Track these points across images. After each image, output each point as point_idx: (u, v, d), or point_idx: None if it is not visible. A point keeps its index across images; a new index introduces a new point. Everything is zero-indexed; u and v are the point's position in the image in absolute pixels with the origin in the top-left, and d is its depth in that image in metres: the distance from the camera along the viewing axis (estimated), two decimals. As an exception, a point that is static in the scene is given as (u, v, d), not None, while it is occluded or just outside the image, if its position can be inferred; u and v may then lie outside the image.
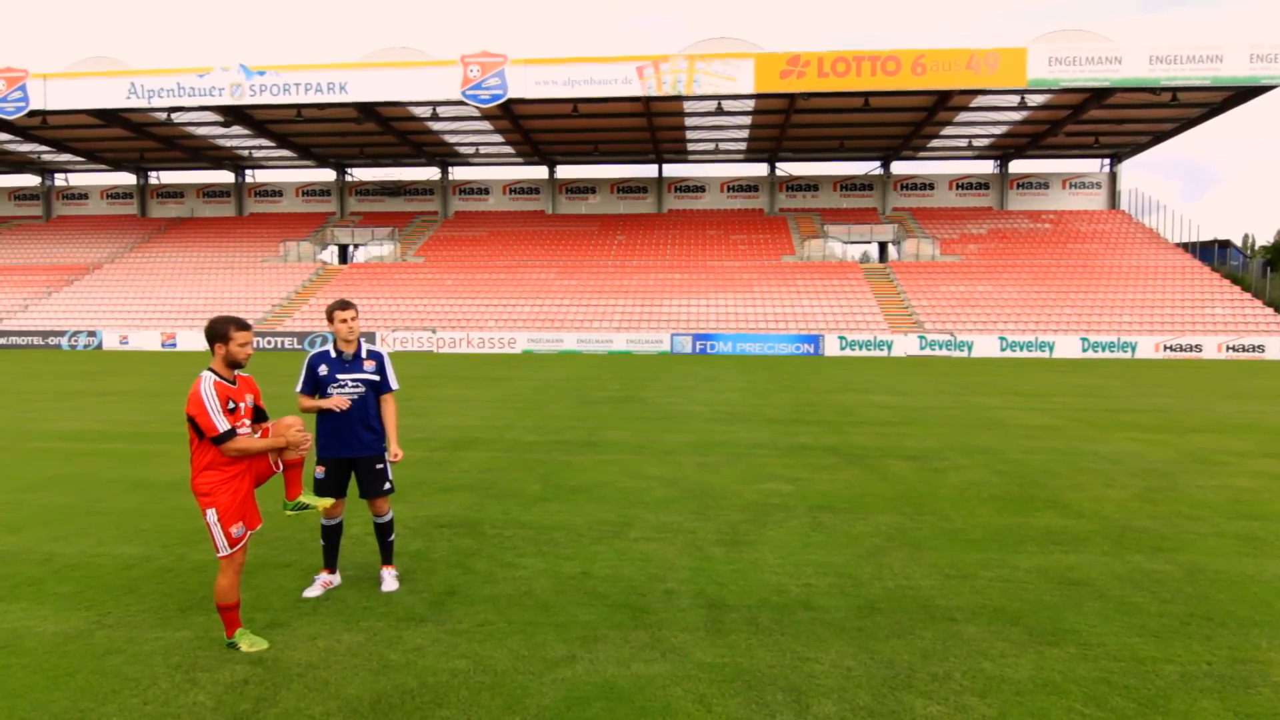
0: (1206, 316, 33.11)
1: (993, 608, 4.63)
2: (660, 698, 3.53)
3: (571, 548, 5.79)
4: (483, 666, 3.85)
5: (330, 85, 33.14)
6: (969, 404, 15.06)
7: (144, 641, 4.12)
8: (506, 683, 3.68)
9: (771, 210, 46.81)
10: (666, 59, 32.24)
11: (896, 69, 31.33)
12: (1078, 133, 39.77)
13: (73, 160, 47.31)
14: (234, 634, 4.02)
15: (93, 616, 4.45)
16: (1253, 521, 6.59)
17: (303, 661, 3.89)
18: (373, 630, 4.27)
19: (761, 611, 4.56)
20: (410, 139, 42.18)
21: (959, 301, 35.46)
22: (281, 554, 5.58)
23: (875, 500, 7.27)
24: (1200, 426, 12.21)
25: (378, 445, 4.80)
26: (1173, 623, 4.42)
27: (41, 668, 3.82)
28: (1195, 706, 3.47)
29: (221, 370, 3.95)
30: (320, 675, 3.75)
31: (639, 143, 42.90)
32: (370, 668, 3.83)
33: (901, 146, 42.84)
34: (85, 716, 3.35)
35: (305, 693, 3.58)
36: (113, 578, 5.11)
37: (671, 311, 35.65)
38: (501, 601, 4.71)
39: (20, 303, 39.11)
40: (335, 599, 4.72)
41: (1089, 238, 41.51)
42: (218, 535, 3.89)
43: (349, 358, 4.74)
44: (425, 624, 4.36)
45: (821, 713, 3.41)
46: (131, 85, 33.55)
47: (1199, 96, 33.90)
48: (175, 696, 3.54)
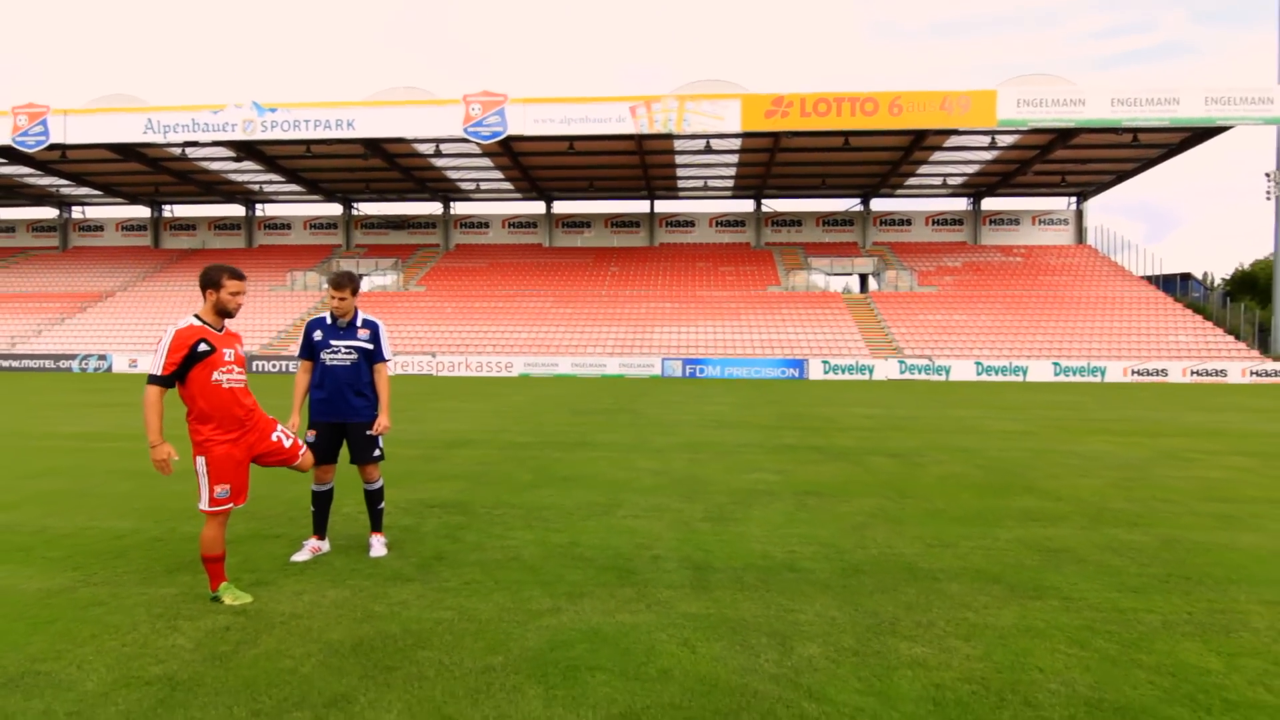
0: (1171, 343, 33.30)
1: (975, 569, 4.49)
2: (644, 641, 3.37)
3: (560, 523, 5.62)
4: (467, 616, 3.68)
5: (339, 122, 33.39)
6: (948, 415, 14.98)
7: (128, 596, 3.93)
8: (490, 629, 3.52)
9: (758, 244, 47.13)
10: (658, 99, 32.66)
11: (875, 109, 31.82)
12: (1045, 172, 40.35)
13: (90, 194, 47.36)
14: (218, 587, 3.84)
15: (79, 576, 4.26)
16: (1225, 504, 6.48)
17: (286, 612, 3.71)
18: (359, 588, 4.10)
19: (747, 573, 4.40)
20: (414, 175, 42.44)
21: (936, 329, 35.58)
22: (272, 527, 5.39)
23: (859, 487, 7.13)
24: (1171, 432, 12.15)
25: (369, 412, 4.66)
26: (1152, 581, 4.29)
27: (21, 617, 3.63)
28: (1178, 647, 3.33)
29: (209, 317, 3.83)
30: (303, 624, 3.57)
31: (632, 179, 43.28)
32: (354, 617, 3.66)
33: (880, 184, 43.36)
34: (61, 656, 3.17)
35: (286, 637, 3.40)
36: (102, 545, 4.92)
37: (662, 338, 35.62)
38: (489, 565, 4.54)
39: (34, 328, 38.78)
40: (323, 563, 4.54)
41: (1058, 270, 41.90)
42: (203, 486, 3.73)
43: (344, 325, 4.64)
44: (412, 583, 4.19)
45: (806, 653, 3.25)
46: (148, 121, 33.72)
47: (1158, 138, 34.52)
48: (154, 640, 3.35)
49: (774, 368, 32.29)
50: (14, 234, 50.91)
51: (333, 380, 4.55)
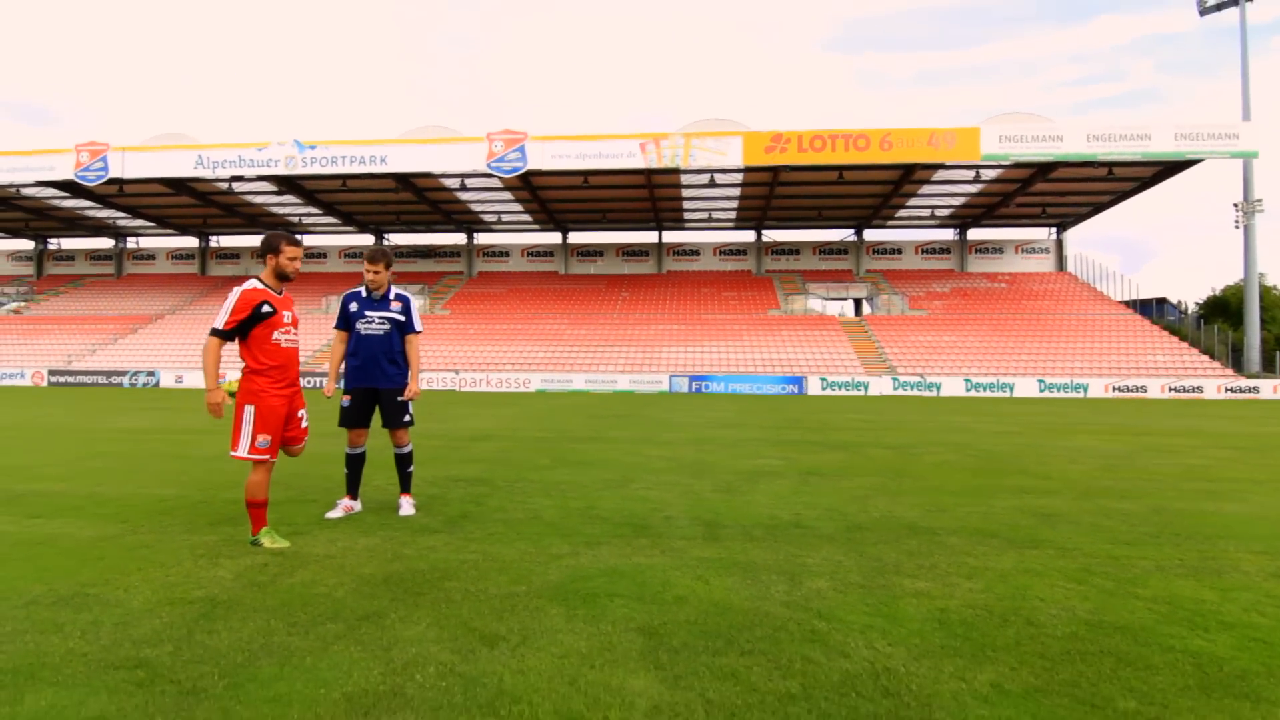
0: (1149, 362, 32.96)
1: (973, 528, 4.40)
2: (660, 577, 3.31)
3: (578, 494, 5.56)
4: (491, 558, 3.62)
5: (372, 158, 33.87)
6: (940, 420, 14.82)
7: (172, 541, 3.90)
8: (513, 567, 3.46)
9: (759, 271, 47.23)
10: (666, 136, 33.00)
11: (867, 145, 32.02)
12: (1027, 204, 40.36)
13: (144, 225, 48.09)
14: (259, 531, 3.80)
15: (126, 528, 4.24)
16: (1209, 482, 6.35)
17: (321, 554, 3.67)
18: (389, 536, 4.05)
19: (755, 529, 4.33)
20: (441, 208, 42.90)
21: (927, 349, 35.39)
22: (307, 494, 5.35)
23: (859, 470, 7.03)
24: (1153, 432, 11.96)
25: (400, 379, 4.65)
26: (1143, 537, 4.19)
27: (72, 555, 3.61)
28: (1172, 585, 3.24)
29: (269, 280, 3.86)
30: (336, 562, 3.53)
31: (641, 211, 43.59)
32: (384, 558, 3.61)
33: (873, 216, 43.47)
34: (109, 583, 3.13)
35: (321, 571, 3.36)
36: (149, 506, 4.90)
37: (670, 357, 35.58)
38: (511, 522, 4.49)
39: (89, 347, 39.17)
40: (355, 519, 4.50)
41: (1041, 295, 41.71)
42: (245, 434, 3.70)
43: (378, 297, 4.65)
44: (439, 534, 4.14)
45: (814, 586, 3.18)
46: (199, 157, 34.31)
47: (1132, 171, 34.52)
48: (196, 572, 3.32)
49: (775, 384, 32.15)
50: (74, 262, 51.69)
51: (367, 348, 4.55)
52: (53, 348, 39.43)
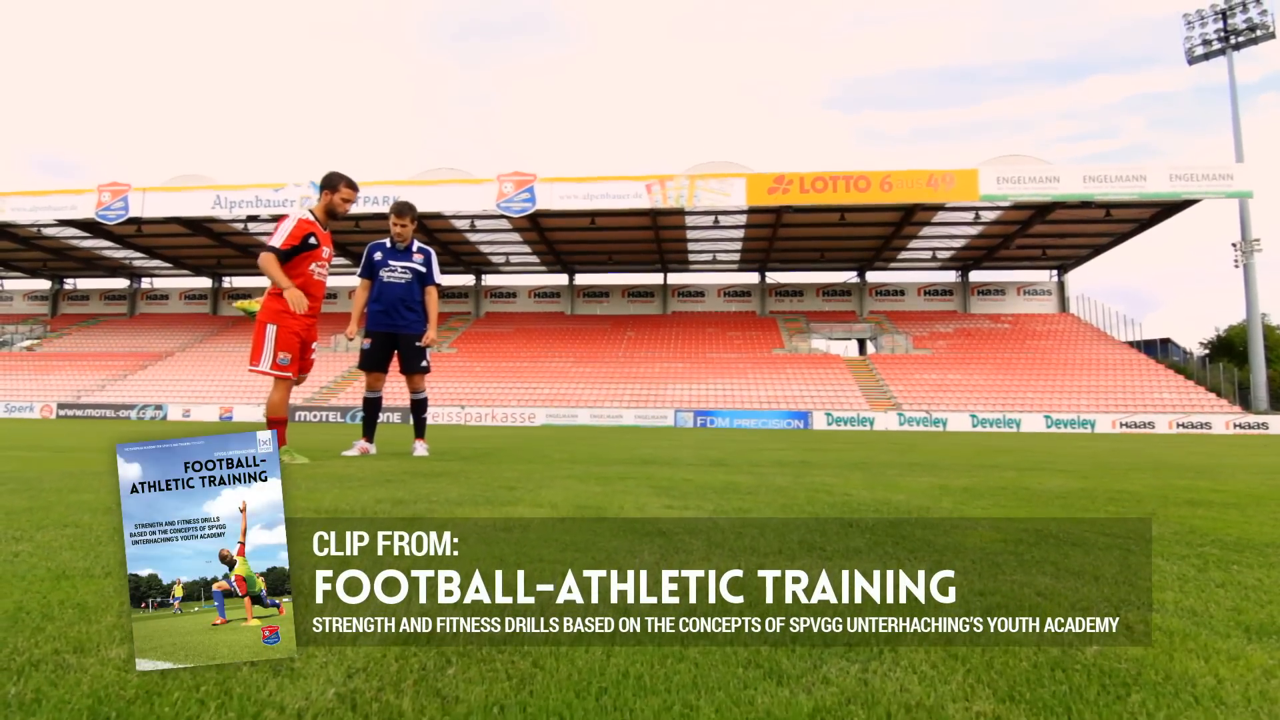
0: (1156, 399, 32.89)
1: (979, 488, 4.46)
2: (680, 488, 3.40)
3: (595, 471, 5.64)
4: (501, 479, 3.71)
5: (385, 198, 34.77)
6: (948, 446, 14.81)
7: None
8: (523, 483, 3.55)
9: (763, 312, 47.69)
10: (671, 178, 33.89)
11: (867, 186, 32.79)
12: (1027, 246, 40.97)
13: (159, 266, 49.08)
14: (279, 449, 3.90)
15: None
16: (1206, 476, 6.39)
17: (339, 470, 3.77)
18: (405, 463, 4.14)
19: (766, 492, 4.41)
20: (451, 249, 43.74)
21: (932, 387, 35.42)
22: (327, 452, 5.45)
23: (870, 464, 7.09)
24: (1166, 457, 11.94)
25: (419, 325, 4.82)
26: (1149, 499, 4.24)
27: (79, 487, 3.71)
28: (1179, 512, 3.30)
29: (320, 215, 4.07)
30: (354, 473, 3.62)
31: (647, 253, 44.35)
32: (399, 471, 3.71)
33: (875, 257, 44.12)
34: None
35: (337, 474, 3.45)
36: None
37: (675, 393, 35.68)
38: (525, 465, 4.58)
39: (99, 383, 39.51)
40: (370, 459, 4.60)
41: (1044, 335, 41.90)
42: (267, 350, 3.85)
43: (402, 248, 4.86)
44: (456, 463, 4.23)
45: (819, 479, 3.27)
46: (216, 197, 35.32)
47: (1129, 213, 35.14)
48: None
49: (780, 419, 32.13)
50: (88, 302, 52.57)
51: (389, 295, 4.74)
52: (63, 383, 39.78)
